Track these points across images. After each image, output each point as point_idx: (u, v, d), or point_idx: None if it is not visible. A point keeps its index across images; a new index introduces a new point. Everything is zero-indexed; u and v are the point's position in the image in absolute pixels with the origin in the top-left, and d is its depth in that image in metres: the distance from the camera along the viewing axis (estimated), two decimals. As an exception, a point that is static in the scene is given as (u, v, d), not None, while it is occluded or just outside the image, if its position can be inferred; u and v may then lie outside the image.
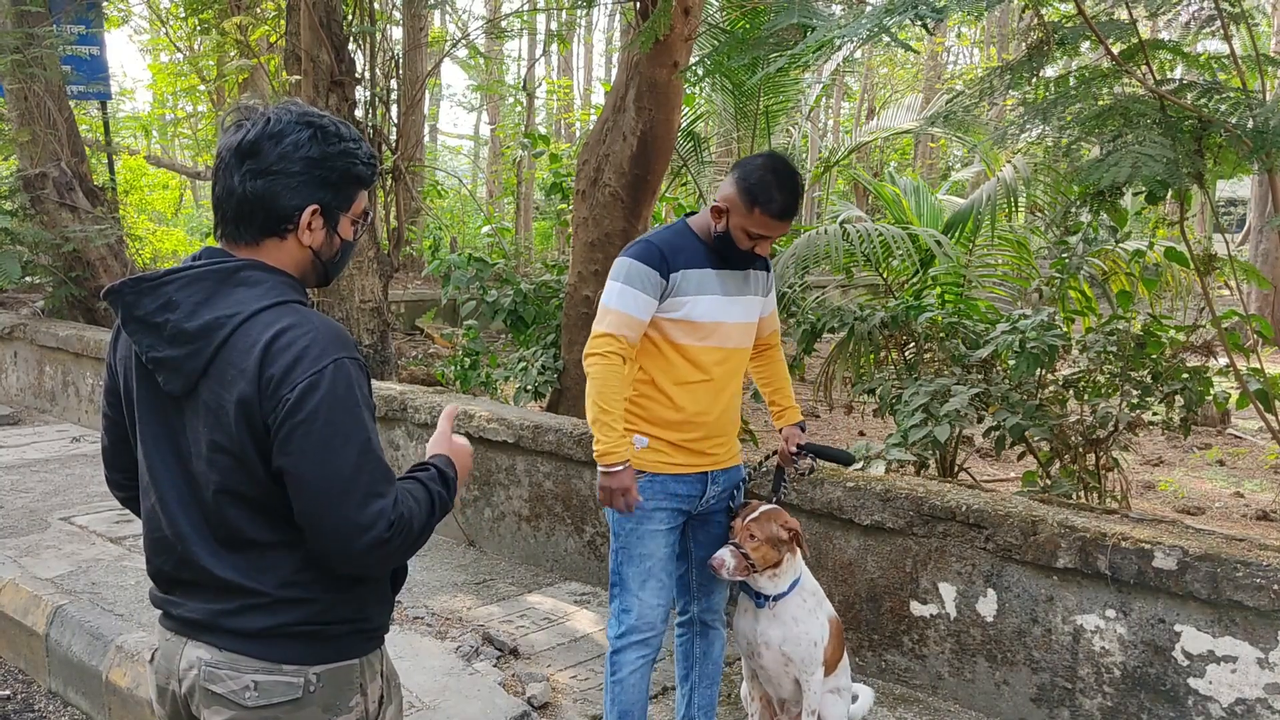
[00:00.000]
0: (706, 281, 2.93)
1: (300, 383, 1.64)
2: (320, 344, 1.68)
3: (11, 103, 8.96)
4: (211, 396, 1.69)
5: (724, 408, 3.04)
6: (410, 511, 1.73)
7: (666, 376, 2.96)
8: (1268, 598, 2.99)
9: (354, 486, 1.66)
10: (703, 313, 2.92)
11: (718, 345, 2.96)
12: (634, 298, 2.87)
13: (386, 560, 1.72)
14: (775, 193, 2.83)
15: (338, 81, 7.51)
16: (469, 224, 20.54)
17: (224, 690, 1.75)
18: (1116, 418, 4.80)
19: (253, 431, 1.68)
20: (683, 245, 2.94)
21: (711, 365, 2.96)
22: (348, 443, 1.67)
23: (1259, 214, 14.55)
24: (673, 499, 3.00)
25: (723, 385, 3.01)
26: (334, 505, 1.65)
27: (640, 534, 2.98)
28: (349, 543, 1.67)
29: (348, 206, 1.85)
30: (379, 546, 1.67)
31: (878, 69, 26.91)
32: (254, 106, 1.82)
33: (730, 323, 2.98)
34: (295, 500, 1.68)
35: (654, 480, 2.97)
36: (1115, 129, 3.81)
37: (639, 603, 2.98)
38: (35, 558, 4.92)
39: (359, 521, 1.66)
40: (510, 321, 6.78)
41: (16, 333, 8.84)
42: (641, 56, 5.51)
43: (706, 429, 3.00)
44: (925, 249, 6.85)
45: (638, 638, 2.99)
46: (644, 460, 2.98)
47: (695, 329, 2.93)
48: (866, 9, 3.73)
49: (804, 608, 3.01)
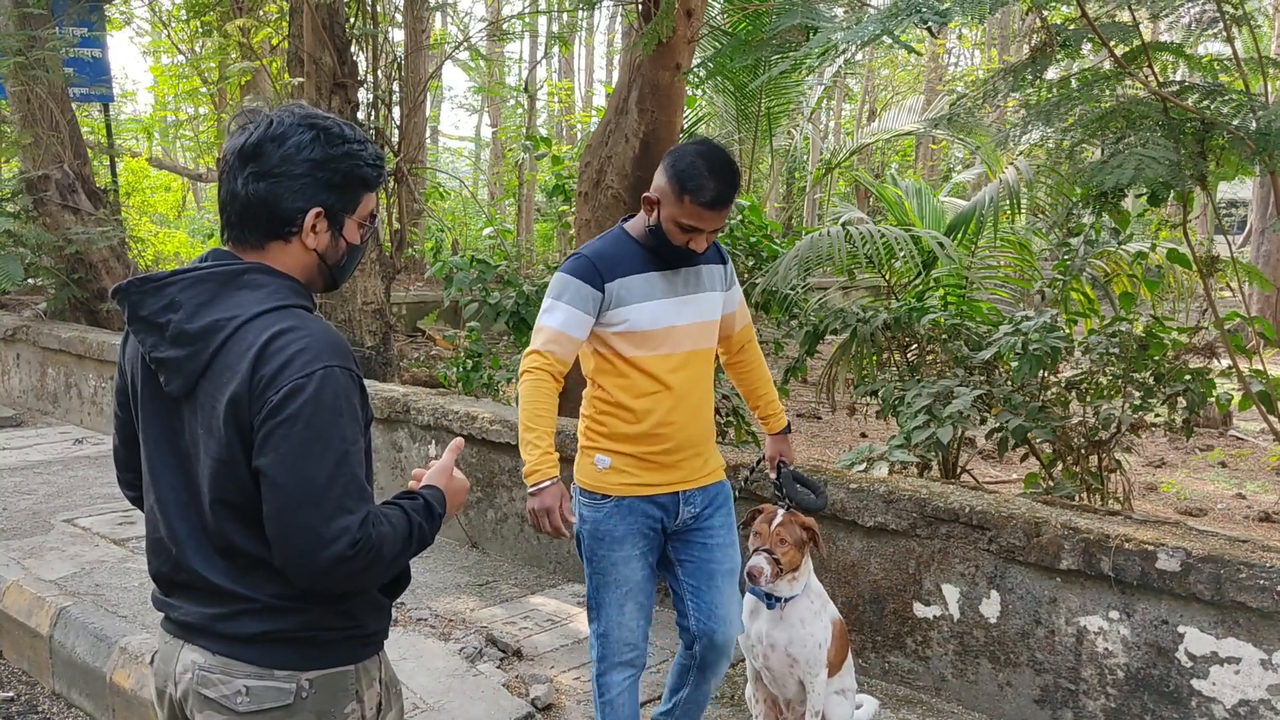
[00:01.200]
0: (648, 287, 2.79)
1: (286, 385, 1.62)
2: (314, 349, 1.66)
3: (14, 105, 8.97)
4: (208, 399, 1.69)
5: (689, 417, 2.87)
6: (382, 536, 1.67)
7: (623, 391, 2.83)
8: (1271, 599, 2.99)
9: (324, 496, 1.62)
10: (648, 320, 2.78)
11: (670, 352, 2.81)
12: (564, 313, 2.74)
13: (349, 580, 1.67)
14: (706, 180, 2.65)
15: (340, 84, 7.53)
16: (471, 226, 20.54)
17: (216, 695, 1.75)
18: (1119, 419, 4.80)
19: (240, 432, 1.66)
20: (618, 253, 2.80)
21: (667, 374, 2.81)
22: (325, 451, 1.63)
23: (1260, 216, 14.55)
24: (643, 520, 2.86)
25: (684, 393, 2.84)
26: (301, 512, 1.61)
27: (613, 561, 2.87)
28: (310, 555, 1.62)
29: (353, 209, 1.84)
30: (341, 564, 1.62)
31: (879, 71, 26.91)
32: (258, 109, 1.81)
33: (683, 325, 2.83)
34: (266, 504, 1.64)
35: (620, 504, 2.85)
36: (1118, 131, 3.81)
37: (618, 626, 2.89)
38: (39, 559, 4.92)
39: (322, 533, 1.61)
40: (512, 323, 6.77)
41: (19, 334, 8.85)
42: (644, 59, 5.52)
43: (673, 441, 2.84)
44: (928, 251, 6.86)
45: (621, 659, 2.91)
46: (608, 483, 2.86)
47: (644, 339, 2.79)
48: (869, 11, 3.74)
49: (811, 609, 3.01)
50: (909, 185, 9.87)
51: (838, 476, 3.96)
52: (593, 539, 2.89)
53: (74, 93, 9.55)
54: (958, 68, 29.05)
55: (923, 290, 7.04)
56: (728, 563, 2.96)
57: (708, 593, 2.92)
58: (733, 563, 2.97)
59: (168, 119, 19.65)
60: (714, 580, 2.92)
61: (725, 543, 2.97)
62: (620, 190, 5.88)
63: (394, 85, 8.92)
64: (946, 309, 6.23)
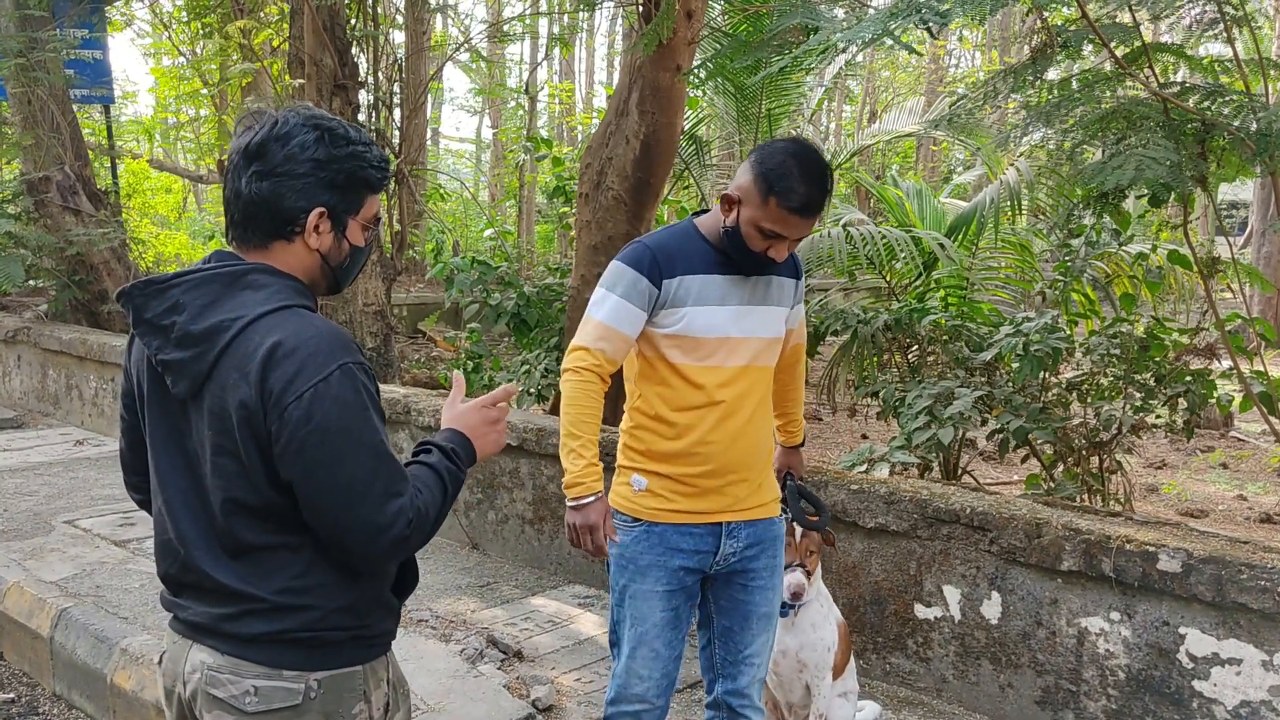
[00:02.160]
0: (710, 290, 2.54)
1: (305, 392, 1.63)
2: (324, 350, 1.67)
3: (15, 106, 8.98)
4: (215, 401, 1.69)
5: (736, 437, 2.58)
6: (426, 503, 1.74)
7: (664, 402, 2.58)
8: (1272, 600, 2.99)
9: (371, 490, 1.67)
10: (703, 326, 2.53)
11: (721, 364, 2.56)
12: (615, 306, 2.52)
13: (408, 551, 1.75)
14: (796, 182, 2.40)
15: (341, 85, 7.52)
16: (471, 227, 20.55)
17: (224, 695, 1.75)
18: (1120, 420, 4.80)
19: (255, 438, 1.67)
20: (683, 249, 2.56)
21: (716, 387, 2.55)
22: (360, 449, 1.67)
23: (1261, 217, 14.54)
24: (674, 555, 2.58)
25: (732, 410, 2.57)
26: (354, 512, 1.66)
27: (634, 593, 2.60)
28: (370, 545, 1.69)
29: (356, 210, 1.84)
30: (401, 543, 1.69)
31: (880, 72, 26.92)
32: (264, 110, 1.82)
33: (740, 337, 2.57)
34: (309, 509, 1.69)
35: (651, 530, 2.59)
36: (1118, 132, 3.81)
37: (627, 672, 2.63)
38: (39, 560, 4.92)
39: (378, 523, 1.67)
40: (513, 324, 6.79)
41: (20, 336, 8.86)
42: (644, 60, 5.52)
43: (715, 462, 2.57)
44: (928, 252, 6.87)
45: (626, 709, 2.65)
46: (640, 506, 2.60)
47: (696, 345, 2.54)
48: (869, 12, 3.74)
49: (820, 613, 3.01)
50: (910, 186, 9.87)
51: (839, 478, 3.96)
52: (618, 566, 2.65)
53: (75, 94, 9.55)
54: (959, 69, 29.05)
55: (923, 291, 7.06)
56: (765, 605, 2.71)
57: (741, 635, 2.69)
58: (771, 606, 2.72)
59: (168, 121, 19.66)
60: (749, 623, 2.69)
61: (766, 585, 2.70)
62: (621, 192, 5.88)
63: (395, 87, 8.93)
64: (947, 310, 6.23)
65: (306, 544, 1.74)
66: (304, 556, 1.74)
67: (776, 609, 2.76)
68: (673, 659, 2.65)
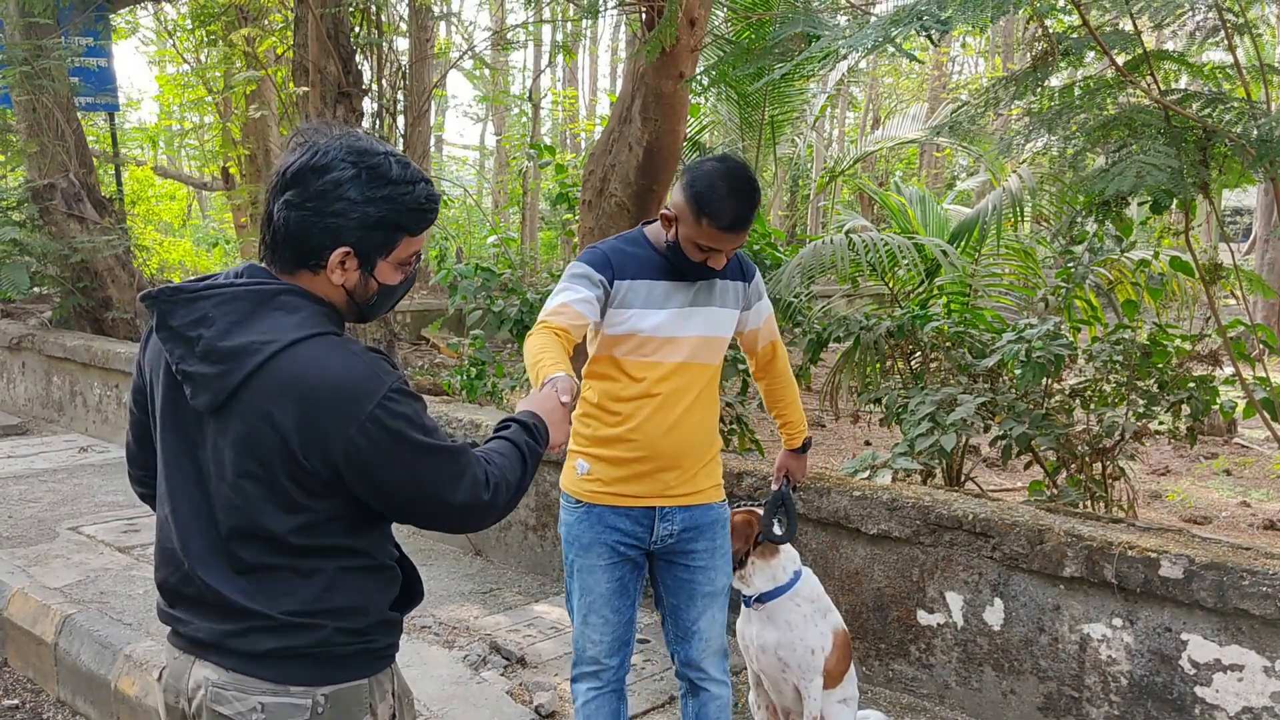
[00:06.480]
0: (654, 294, 2.73)
1: (367, 423, 1.66)
2: (366, 389, 1.67)
3: (20, 114, 9.01)
4: (244, 424, 1.67)
5: (671, 428, 2.76)
6: (503, 468, 1.83)
7: (607, 394, 2.78)
8: (1274, 606, 2.99)
9: (441, 483, 1.74)
10: (650, 327, 2.73)
11: (661, 360, 2.74)
12: (570, 291, 2.66)
13: (504, 511, 1.84)
14: (724, 203, 2.58)
15: (345, 93, 7.54)
16: (475, 234, 20.57)
17: (231, 712, 1.73)
18: (1123, 427, 4.80)
19: (292, 474, 1.68)
20: (633, 254, 2.75)
21: (654, 381, 2.74)
22: (429, 459, 1.73)
23: (1264, 223, 14.53)
24: (611, 533, 2.80)
25: (668, 403, 2.75)
26: (434, 505, 1.76)
27: (580, 567, 2.83)
28: (462, 524, 1.82)
29: (387, 252, 1.78)
30: (488, 511, 1.80)
31: (882, 79, 26.94)
32: (320, 128, 1.78)
33: (684, 337, 2.76)
34: (390, 510, 1.78)
35: (591, 510, 2.81)
36: (1120, 139, 3.82)
37: (581, 637, 2.87)
38: (44, 567, 4.93)
39: (458, 502, 1.76)
40: (516, 331, 6.78)
41: (24, 343, 8.88)
42: (647, 67, 5.53)
43: (648, 449, 2.75)
44: (931, 258, 6.87)
45: (585, 669, 2.88)
46: (581, 489, 2.82)
47: (641, 344, 2.74)
48: (871, 19, 3.75)
49: (798, 613, 3.01)
50: (913, 193, 9.88)
51: (841, 484, 3.96)
52: (566, 542, 2.88)
53: (79, 102, 9.58)
54: (961, 76, 29.08)
55: (926, 298, 7.05)
56: (709, 585, 2.88)
57: (687, 611, 2.88)
58: (714, 585, 2.89)
59: (173, 128, 19.69)
60: (694, 600, 2.87)
61: (708, 566, 2.88)
62: (624, 198, 5.90)
63: (399, 94, 8.96)
64: (950, 317, 6.23)
65: (311, 568, 1.74)
66: (314, 581, 1.74)
67: (721, 587, 2.92)
68: (622, 624, 2.87)
